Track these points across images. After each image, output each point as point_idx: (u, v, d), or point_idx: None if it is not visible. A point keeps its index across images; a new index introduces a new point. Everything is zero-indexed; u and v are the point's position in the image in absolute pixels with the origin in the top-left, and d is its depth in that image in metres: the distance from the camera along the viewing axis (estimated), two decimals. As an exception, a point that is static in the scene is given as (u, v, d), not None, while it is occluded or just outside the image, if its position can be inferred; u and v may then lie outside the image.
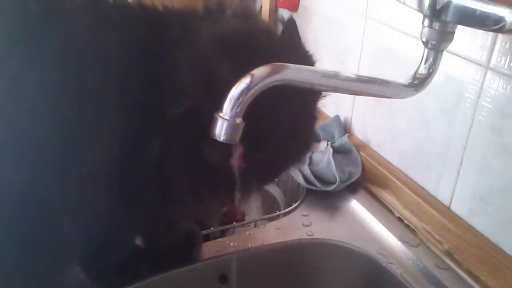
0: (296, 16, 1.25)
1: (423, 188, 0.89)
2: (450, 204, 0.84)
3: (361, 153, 1.02)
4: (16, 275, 0.60)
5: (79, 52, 0.57)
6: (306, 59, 0.69)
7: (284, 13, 1.31)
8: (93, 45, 0.58)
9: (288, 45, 0.68)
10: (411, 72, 0.68)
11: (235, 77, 0.51)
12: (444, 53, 0.67)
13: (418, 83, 0.68)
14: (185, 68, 0.58)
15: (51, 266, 0.63)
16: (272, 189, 1.16)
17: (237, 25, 0.65)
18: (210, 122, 0.51)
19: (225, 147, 0.54)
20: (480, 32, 0.73)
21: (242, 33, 0.63)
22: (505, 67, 0.70)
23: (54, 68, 0.56)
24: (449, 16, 0.61)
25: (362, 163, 1.01)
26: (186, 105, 0.57)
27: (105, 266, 0.73)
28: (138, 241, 0.79)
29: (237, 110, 0.50)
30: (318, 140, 1.07)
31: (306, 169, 0.99)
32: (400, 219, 0.92)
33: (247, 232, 0.89)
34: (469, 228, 0.79)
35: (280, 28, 0.71)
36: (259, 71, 0.51)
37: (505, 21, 0.55)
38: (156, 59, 0.60)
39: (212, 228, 0.92)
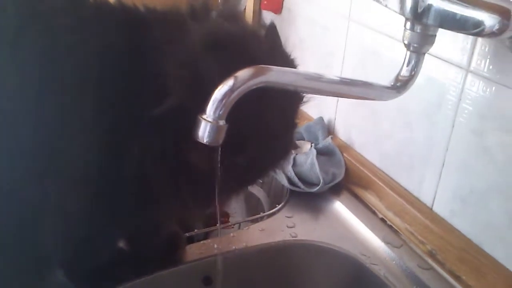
0: (279, 19, 1.25)
1: (406, 189, 0.90)
2: (433, 205, 0.85)
3: (344, 154, 1.03)
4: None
5: (58, 54, 0.57)
6: (290, 62, 0.69)
7: (268, 15, 1.31)
8: (72, 47, 0.57)
9: (273, 48, 0.68)
10: (394, 75, 0.69)
11: (221, 77, 0.51)
12: (426, 56, 0.68)
13: (401, 85, 0.68)
14: (170, 65, 0.58)
15: (32, 270, 0.62)
16: (256, 190, 1.16)
17: (227, 26, 0.65)
18: (193, 122, 0.51)
19: (206, 149, 0.54)
20: (460, 36, 0.73)
21: (232, 34, 0.63)
22: (485, 70, 0.71)
23: (34, 70, 0.55)
24: (430, 19, 0.62)
25: (346, 165, 1.02)
26: (170, 103, 0.56)
27: (88, 270, 0.72)
28: (121, 243, 0.79)
29: (220, 112, 0.50)
30: (295, 147, 1.07)
31: (290, 170, 0.99)
32: (383, 220, 0.93)
33: (231, 234, 0.89)
34: (451, 229, 0.80)
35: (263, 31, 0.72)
36: (243, 73, 0.51)
37: (484, 25, 0.56)
38: (138, 60, 0.60)
39: (195, 230, 0.91)
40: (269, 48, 0.67)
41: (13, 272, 0.60)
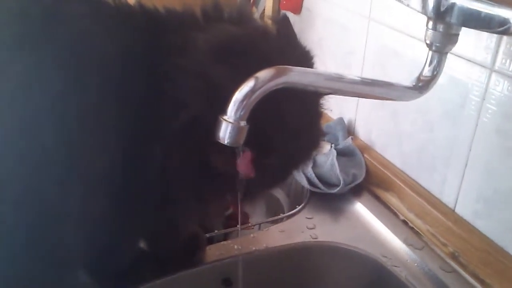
0: (299, 19, 1.25)
1: (427, 190, 0.89)
2: (455, 206, 0.83)
3: (365, 155, 1.02)
4: (21, 280, 0.59)
5: (80, 58, 0.57)
6: (304, 55, 0.69)
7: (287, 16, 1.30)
8: (94, 49, 0.58)
9: (286, 45, 0.68)
10: (415, 75, 0.68)
11: (234, 82, 0.51)
12: (449, 55, 0.67)
13: (422, 85, 0.67)
14: (184, 76, 0.58)
15: (56, 270, 0.63)
16: (276, 191, 1.16)
17: (231, 29, 0.64)
18: (213, 127, 0.51)
19: (230, 152, 0.54)
20: (484, 34, 0.72)
21: (237, 37, 0.63)
22: (510, 69, 0.70)
23: (57, 72, 0.56)
24: (453, 18, 0.61)
25: (366, 166, 1.01)
26: (188, 115, 0.57)
27: (109, 270, 0.73)
28: (142, 244, 0.79)
29: (241, 113, 0.50)
30: (323, 135, 1.07)
31: (310, 171, 0.99)
32: (404, 222, 0.92)
33: (251, 235, 0.89)
34: (474, 230, 0.79)
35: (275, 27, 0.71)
36: (263, 74, 0.51)
37: (510, 23, 0.55)
38: (156, 64, 0.60)
39: (216, 231, 0.91)
40: (281, 44, 0.67)
41: (36, 272, 0.61)
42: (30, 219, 0.57)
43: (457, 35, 0.65)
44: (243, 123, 0.50)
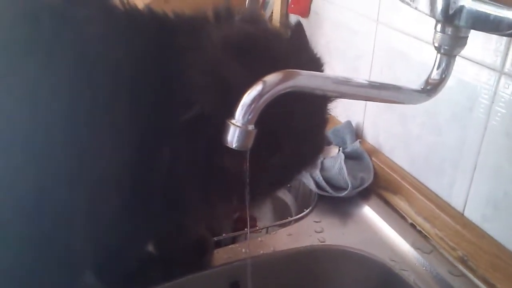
0: (307, 22, 1.25)
1: (436, 194, 0.89)
2: (464, 210, 0.83)
3: (373, 158, 1.02)
4: (30, 282, 0.60)
5: (91, 61, 0.57)
6: (315, 61, 0.69)
7: (295, 19, 1.31)
8: (105, 54, 0.58)
9: (298, 48, 0.68)
10: (424, 77, 0.68)
11: (246, 80, 0.51)
12: (457, 58, 0.67)
13: (431, 88, 0.67)
14: (195, 73, 0.58)
15: (64, 272, 0.63)
16: (284, 195, 1.16)
17: (246, 28, 0.65)
18: (222, 126, 0.51)
19: (238, 153, 0.54)
20: (493, 37, 0.72)
21: (251, 35, 0.63)
22: (520, 72, 0.69)
23: (67, 76, 0.56)
24: (462, 21, 0.61)
25: (374, 169, 1.01)
26: (198, 110, 0.57)
27: (117, 272, 0.73)
28: (150, 247, 0.79)
29: (249, 117, 0.50)
30: (329, 143, 1.07)
31: (317, 175, 0.98)
32: (412, 225, 0.91)
33: (259, 239, 0.89)
34: (483, 234, 0.79)
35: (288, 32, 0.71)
36: (271, 77, 0.51)
37: (519, 25, 0.55)
38: (166, 66, 0.60)
39: (223, 235, 0.91)
40: (293, 47, 0.67)
41: (44, 273, 0.61)
42: (37, 222, 0.57)
43: (466, 37, 0.65)
44: (251, 127, 0.50)
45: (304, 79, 0.55)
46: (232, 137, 0.51)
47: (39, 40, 0.56)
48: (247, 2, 1.36)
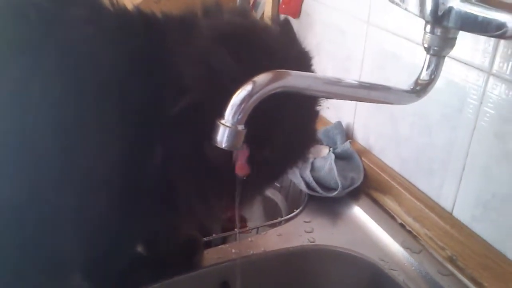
0: (298, 23, 1.25)
1: (425, 194, 0.89)
2: (453, 210, 0.83)
3: (363, 159, 1.02)
4: (17, 283, 0.59)
5: (80, 61, 0.57)
6: (304, 54, 0.70)
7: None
8: (94, 54, 0.58)
9: (287, 41, 0.68)
10: (413, 78, 0.68)
11: (237, 69, 0.51)
12: (446, 59, 0.67)
13: (420, 89, 0.68)
14: (186, 64, 0.58)
15: (52, 274, 0.63)
16: (274, 195, 1.16)
17: (235, 19, 0.65)
18: (215, 118, 0.51)
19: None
20: (482, 38, 0.72)
21: (241, 26, 0.64)
22: (508, 72, 0.70)
23: (56, 76, 0.56)
24: (451, 22, 0.61)
25: (364, 169, 1.01)
26: (189, 100, 0.57)
27: (107, 274, 0.73)
28: (140, 248, 0.79)
29: (239, 117, 0.50)
30: (319, 141, 1.07)
31: (308, 175, 0.99)
32: (402, 225, 0.92)
33: (249, 239, 0.89)
34: (472, 234, 0.79)
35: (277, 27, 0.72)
36: (261, 78, 0.51)
37: (507, 27, 0.55)
38: (157, 64, 0.60)
39: (213, 235, 0.91)
40: (282, 40, 0.67)
41: (32, 275, 0.61)
42: (26, 224, 0.56)
43: (455, 38, 0.65)
44: (240, 127, 0.50)
45: (294, 79, 0.55)
46: (222, 137, 0.51)
47: (27, 40, 0.55)
48: (237, 2, 1.37)
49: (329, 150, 1.05)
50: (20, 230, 0.56)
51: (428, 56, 0.67)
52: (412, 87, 0.67)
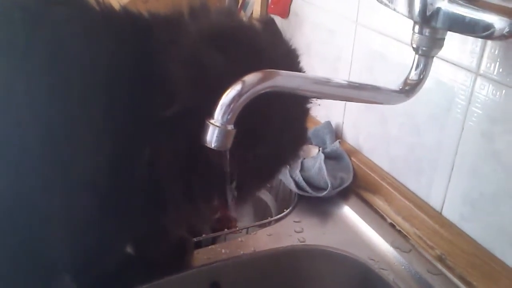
0: (287, 23, 1.25)
1: (414, 193, 0.90)
2: (442, 209, 0.84)
3: (352, 159, 1.02)
4: (4, 284, 0.59)
5: (66, 61, 0.57)
6: (292, 52, 0.70)
7: (275, 20, 1.31)
8: (80, 53, 0.58)
9: (274, 39, 0.69)
10: (402, 78, 0.68)
11: (226, 68, 0.51)
12: (435, 59, 0.68)
13: (409, 89, 0.68)
14: (175, 66, 0.58)
15: (40, 276, 0.62)
16: (264, 195, 1.16)
17: (222, 20, 0.65)
18: (205, 118, 0.51)
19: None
20: (469, 39, 0.73)
21: (228, 26, 0.64)
22: (495, 73, 0.70)
23: (42, 76, 0.55)
24: (439, 23, 0.62)
25: (354, 169, 1.01)
26: (179, 104, 0.56)
27: (96, 275, 0.72)
28: (129, 248, 0.79)
29: (228, 117, 0.50)
30: (309, 141, 1.07)
31: (297, 175, 0.99)
32: (392, 225, 0.92)
33: (239, 239, 0.89)
34: (460, 233, 0.80)
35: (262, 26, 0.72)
36: (250, 77, 0.51)
37: (494, 27, 0.56)
38: (144, 64, 0.60)
39: (203, 235, 0.91)
40: (268, 38, 0.67)
41: (21, 277, 0.60)
42: (13, 224, 0.56)
43: (443, 39, 0.66)
44: (230, 127, 0.50)
45: (284, 79, 0.55)
46: (211, 137, 0.51)
47: (13, 40, 0.55)
48: (226, 2, 1.36)
49: (319, 150, 1.05)
50: (6, 231, 0.56)
51: (417, 56, 0.67)
52: (401, 87, 0.68)
